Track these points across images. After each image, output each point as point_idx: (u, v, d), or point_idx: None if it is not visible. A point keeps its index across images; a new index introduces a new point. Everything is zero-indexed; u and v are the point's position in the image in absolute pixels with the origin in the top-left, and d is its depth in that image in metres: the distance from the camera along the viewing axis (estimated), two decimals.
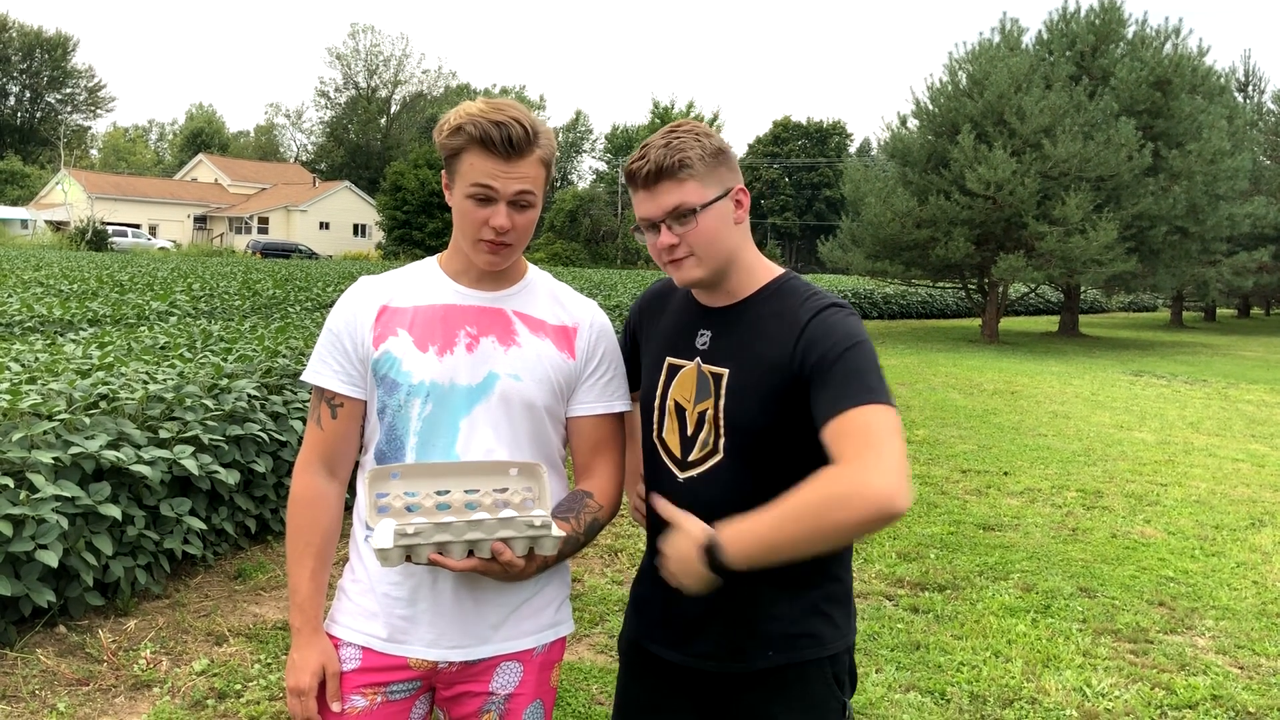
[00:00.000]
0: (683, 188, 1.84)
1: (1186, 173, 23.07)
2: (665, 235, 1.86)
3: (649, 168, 1.84)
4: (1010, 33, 25.47)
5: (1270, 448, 10.34)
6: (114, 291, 14.42)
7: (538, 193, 1.87)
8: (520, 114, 1.82)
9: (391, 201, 58.93)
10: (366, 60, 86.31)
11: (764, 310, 1.92)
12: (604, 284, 22.96)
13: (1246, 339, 28.75)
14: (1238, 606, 5.33)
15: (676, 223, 1.85)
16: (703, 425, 1.91)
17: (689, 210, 1.84)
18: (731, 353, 1.91)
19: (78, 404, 4.83)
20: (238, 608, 4.75)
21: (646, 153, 1.87)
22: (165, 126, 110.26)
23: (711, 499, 1.89)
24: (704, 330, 1.96)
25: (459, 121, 1.82)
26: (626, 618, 2.15)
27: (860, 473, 1.59)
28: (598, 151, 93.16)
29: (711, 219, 1.86)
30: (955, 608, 5.14)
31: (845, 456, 1.63)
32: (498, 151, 1.79)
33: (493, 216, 1.83)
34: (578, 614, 4.77)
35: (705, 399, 1.91)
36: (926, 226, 23.48)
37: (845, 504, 1.58)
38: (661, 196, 1.85)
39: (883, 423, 1.66)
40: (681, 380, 1.96)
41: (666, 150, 1.84)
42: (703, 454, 1.91)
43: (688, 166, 1.84)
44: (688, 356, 1.96)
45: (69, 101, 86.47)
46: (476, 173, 1.81)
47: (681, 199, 1.84)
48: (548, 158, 1.87)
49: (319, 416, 1.96)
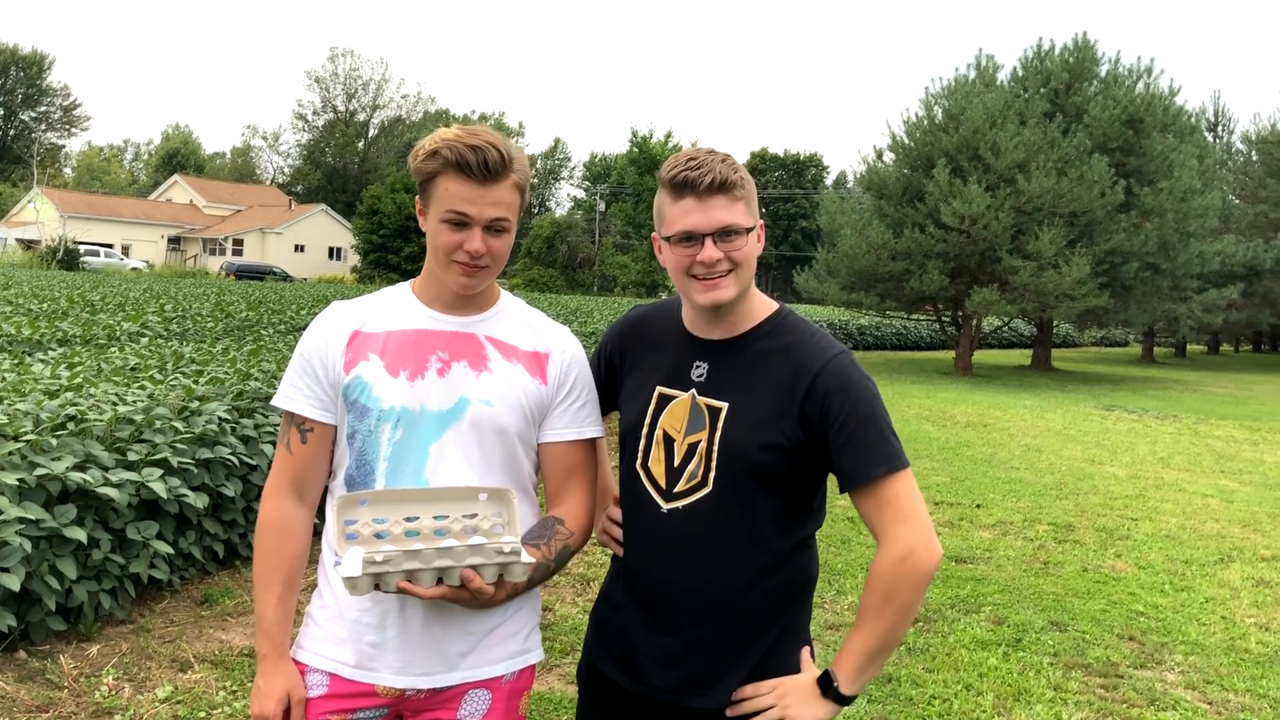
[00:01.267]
0: (734, 207, 1.85)
1: (1158, 210, 23.37)
2: (710, 249, 1.84)
3: (712, 178, 1.82)
4: (986, 69, 25.79)
5: (1239, 483, 10.42)
6: (85, 311, 14.28)
7: (512, 218, 1.87)
8: (495, 139, 1.82)
9: (368, 225, 58.78)
10: (345, 84, 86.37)
11: (766, 346, 1.92)
12: (580, 310, 22.94)
13: (1216, 375, 29.06)
14: (1207, 642, 5.35)
15: (723, 239, 1.84)
16: (692, 457, 1.90)
17: (741, 230, 1.85)
18: (732, 387, 1.90)
19: (45, 425, 4.77)
20: (203, 634, 4.68)
21: (704, 163, 1.83)
22: (141, 146, 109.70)
23: (694, 531, 1.89)
24: (700, 362, 1.95)
25: (434, 146, 1.82)
26: (586, 644, 2.13)
27: (901, 553, 1.80)
28: (575, 179, 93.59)
29: (754, 244, 1.89)
30: (927, 640, 5.14)
31: (890, 536, 1.82)
32: (473, 176, 1.80)
33: (468, 241, 1.83)
34: (549, 643, 4.73)
35: (698, 431, 1.90)
36: (901, 259, 23.65)
37: (917, 587, 1.81)
38: (716, 211, 1.83)
39: (910, 490, 1.83)
40: (673, 410, 1.95)
41: (726, 167, 1.84)
42: (690, 485, 1.90)
43: (742, 187, 1.86)
44: (682, 388, 1.95)
45: (43, 120, 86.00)
46: (451, 198, 1.81)
47: (734, 219, 1.84)
48: (523, 183, 1.88)
49: (289, 441, 1.94)
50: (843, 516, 7.67)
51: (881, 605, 1.81)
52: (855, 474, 1.82)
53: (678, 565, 1.91)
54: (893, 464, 1.82)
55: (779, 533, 1.92)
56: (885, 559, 1.81)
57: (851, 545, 6.89)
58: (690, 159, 1.85)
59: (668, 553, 1.92)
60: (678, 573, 1.90)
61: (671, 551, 1.91)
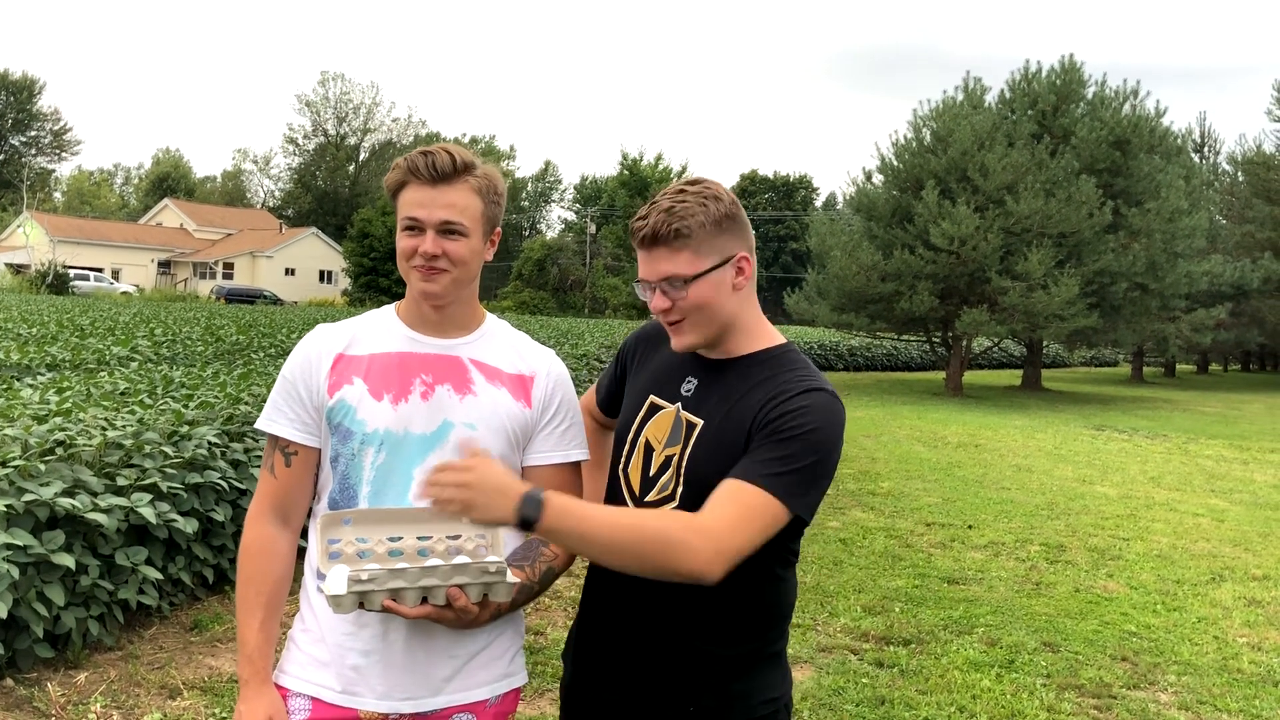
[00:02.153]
0: (676, 257, 1.83)
1: (1146, 230, 23.51)
2: (659, 299, 1.87)
3: (646, 232, 1.85)
4: (973, 91, 25.96)
5: (1229, 502, 10.44)
6: (74, 336, 14.24)
7: (469, 224, 1.87)
8: (453, 149, 1.87)
9: (358, 248, 58.82)
10: (336, 108, 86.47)
11: (752, 374, 1.91)
12: (571, 333, 22.96)
13: (1206, 394, 29.15)
14: (1199, 662, 5.35)
15: (671, 288, 1.85)
16: (666, 469, 1.91)
17: (680, 280, 1.84)
18: (710, 407, 1.91)
19: (33, 450, 4.74)
20: (192, 659, 4.64)
21: (649, 214, 1.86)
22: (131, 170, 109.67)
23: None
24: (691, 378, 1.97)
25: (397, 160, 1.89)
26: (567, 662, 2.13)
27: (704, 538, 1.67)
28: (566, 201, 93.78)
29: (704, 288, 1.85)
30: (920, 662, 5.12)
31: (706, 513, 1.70)
32: (424, 179, 1.84)
33: (421, 243, 1.85)
34: (540, 668, 4.71)
35: (675, 444, 1.92)
36: (891, 280, 23.73)
37: (670, 551, 1.66)
38: (657, 262, 1.85)
39: (757, 510, 1.71)
40: (658, 421, 1.96)
41: (668, 216, 1.82)
42: (660, 497, 1.91)
43: (684, 236, 1.82)
44: (670, 399, 1.97)
45: (34, 144, 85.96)
46: (407, 205, 1.86)
47: (674, 269, 1.84)
48: (484, 189, 1.89)
49: (272, 464, 1.94)
50: (835, 538, 7.67)
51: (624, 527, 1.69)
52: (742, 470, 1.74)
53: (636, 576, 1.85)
54: (770, 482, 1.72)
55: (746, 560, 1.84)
56: (675, 519, 1.72)
57: (844, 568, 6.88)
58: (649, 204, 1.88)
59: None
60: (638, 584, 1.86)
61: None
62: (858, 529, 8.07)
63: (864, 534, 7.92)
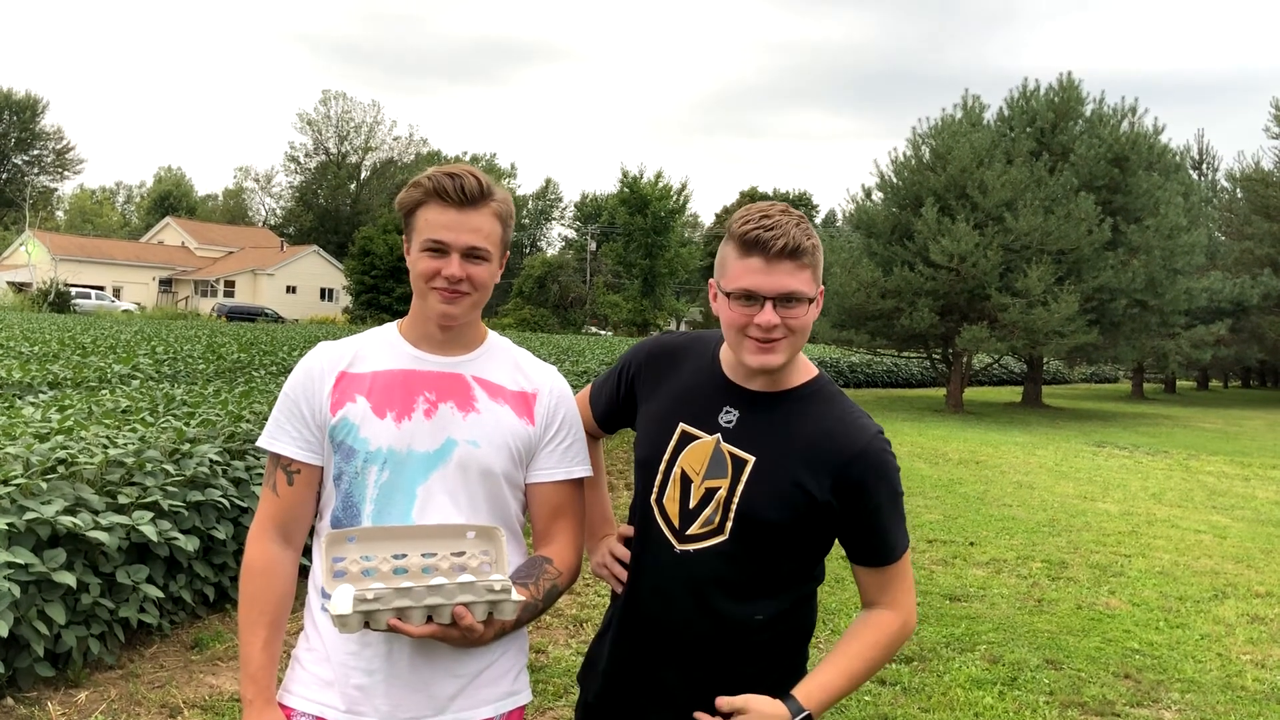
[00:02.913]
0: (801, 274, 1.79)
1: (1145, 247, 23.55)
2: (769, 313, 1.78)
3: (785, 243, 1.76)
4: (972, 109, 26.05)
5: (1231, 519, 10.43)
6: (76, 354, 14.25)
7: (492, 248, 1.88)
8: (475, 171, 1.87)
9: (360, 266, 58.93)
10: (337, 126, 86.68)
11: (803, 410, 1.90)
12: (572, 350, 22.97)
13: (1206, 411, 29.14)
14: (1203, 679, 5.33)
15: (784, 306, 1.79)
16: (709, 502, 1.89)
17: (804, 299, 1.81)
18: (762, 442, 1.88)
19: (35, 468, 4.75)
20: (193, 678, 4.63)
21: (778, 224, 1.77)
22: (133, 189, 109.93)
23: (707, 576, 1.89)
24: (731, 409, 1.92)
25: (416, 179, 1.88)
26: (581, 681, 2.11)
27: (906, 619, 1.95)
28: (567, 219, 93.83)
29: (813, 312, 1.85)
30: (922, 680, 5.11)
31: (898, 603, 1.94)
32: (451, 201, 1.83)
33: (445, 266, 1.84)
34: (542, 686, 4.70)
35: (719, 477, 1.89)
36: (891, 297, 23.76)
37: (902, 638, 1.95)
38: (782, 276, 1.78)
39: (909, 567, 1.97)
40: (695, 451, 1.93)
41: (800, 232, 1.78)
42: (705, 530, 1.89)
43: (812, 255, 1.81)
44: (707, 429, 1.93)
45: (36, 163, 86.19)
46: (430, 226, 1.85)
47: (799, 286, 1.79)
48: (503, 214, 1.90)
49: (274, 483, 1.94)
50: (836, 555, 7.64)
51: (876, 655, 1.92)
52: (880, 555, 1.92)
53: (685, 606, 1.91)
54: (905, 544, 1.94)
55: (786, 587, 1.94)
56: (893, 619, 1.93)
57: (845, 584, 6.86)
58: (764, 216, 1.79)
59: (676, 593, 1.92)
60: (684, 613, 1.90)
61: (680, 592, 1.91)
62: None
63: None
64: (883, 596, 1.94)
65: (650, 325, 63.29)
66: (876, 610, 1.94)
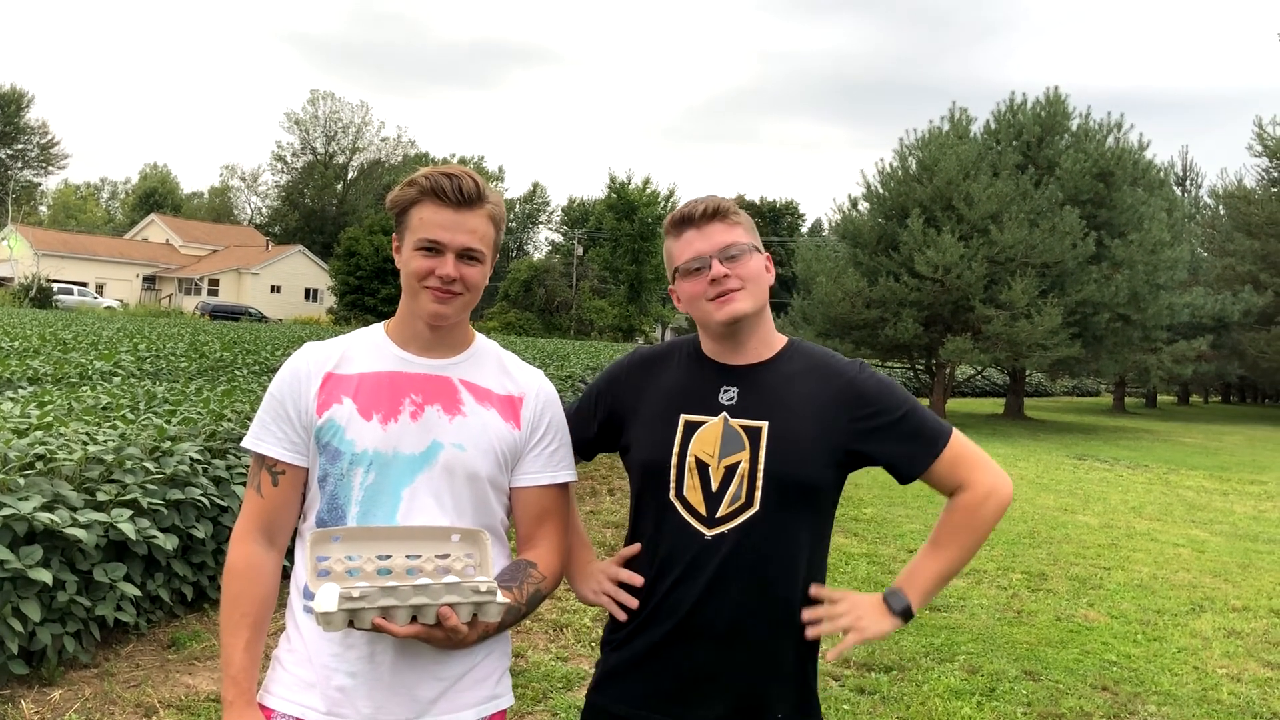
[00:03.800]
0: (733, 230, 2.00)
1: (1128, 262, 23.70)
2: (717, 266, 1.96)
3: (705, 207, 2.00)
4: (959, 121, 26.19)
5: (1210, 533, 10.49)
6: (57, 350, 14.16)
7: (486, 250, 1.88)
8: (471, 173, 1.88)
9: (345, 267, 58.75)
10: (325, 126, 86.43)
11: (793, 367, 2.03)
12: (557, 354, 22.94)
13: (1187, 425, 29.32)
14: (1179, 692, 5.36)
15: (728, 259, 1.97)
16: (731, 479, 1.94)
17: (742, 248, 1.99)
18: (769, 406, 1.97)
19: (12, 464, 4.71)
20: (170, 678, 4.60)
21: (698, 200, 2.02)
22: (118, 185, 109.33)
23: (744, 553, 1.92)
24: (728, 387, 2.01)
25: (412, 177, 1.87)
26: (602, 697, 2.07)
27: (988, 491, 2.01)
28: (554, 223, 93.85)
29: (757, 262, 2.01)
30: (901, 689, 5.12)
31: (969, 481, 2.01)
32: (448, 201, 1.83)
33: (440, 266, 1.84)
34: (521, 690, 4.69)
35: (736, 452, 1.95)
36: (876, 307, 23.85)
37: (997, 519, 2.02)
38: (715, 235, 1.99)
39: (967, 442, 2.05)
40: (703, 436, 1.98)
41: (718, 199, 2.02)
42: (734, 508, 1.93)
43: (737, 214, 2.02)
44: (710, 412, 2.00)
45: (20, 157, 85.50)
46: (425, 225, 1.84)
47: (736, 238, 1.99)
48: (497, 217, 1.91)
49: (259, 483, 1.93)
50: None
51: (964, 537, 2.01)
52: (925, 455, 2.00)
53: (728, 590, 1.93)
54: (947, 429, 2.03)
55: (818, 541, 2.02)
56: (972, 497, 2.01)
57: None
58: (688, 202, 2.04)
59: (716, 579, 1.93)
60: (728, 597, 1.93)
61: (720, 577, 1.93)
62: (840, 555, 8.07)
63: (846, 560, 7.92)
64: (952, 482, 2.02)
65: (636, 331, 63.30)
66: (955, 496, 2.03)
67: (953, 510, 2.03)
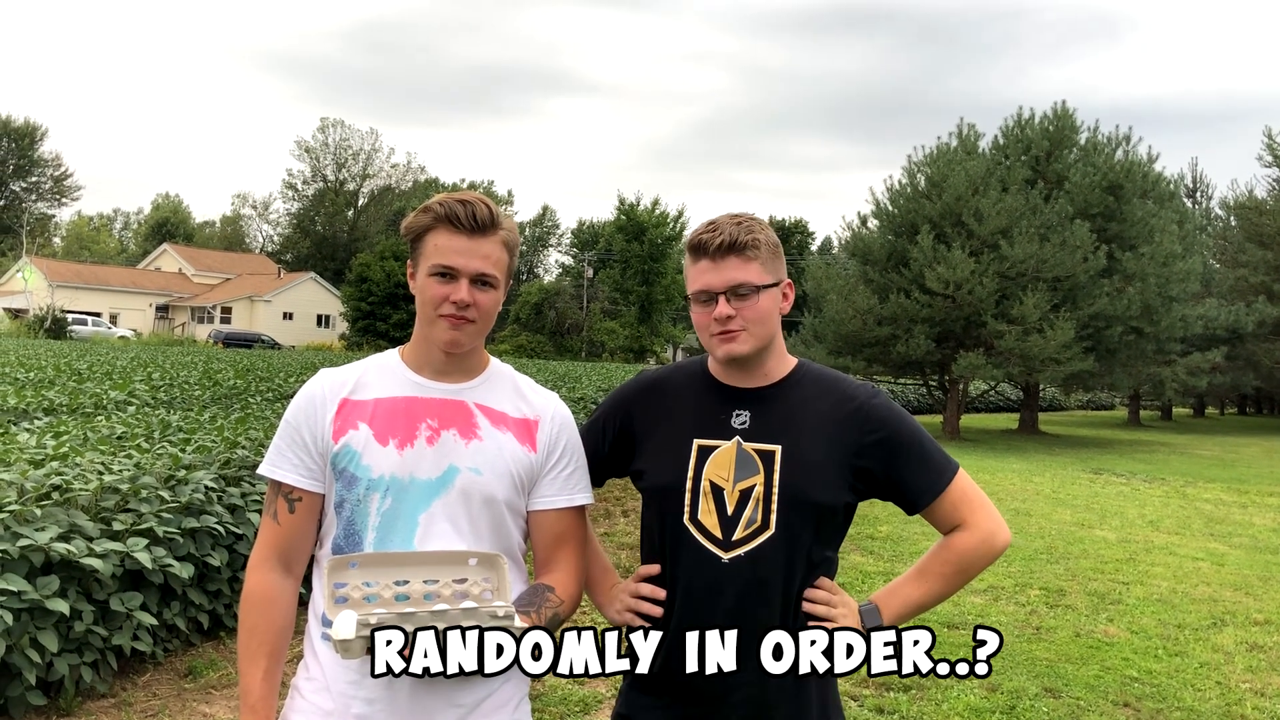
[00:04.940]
0: (747, 267, 1.95)
1: (1140, 274, 23.63)
2: (723, 306, 1.94)
3: (722, 239, 1.94)
4: (967, 137, 26.20)
5: (1229, 546, 10.41)
6: (71, 380, 14.23)
7: (500, 276, 1.89)
8: (485, 199, 1.88)
9: (356, 293, 58.98)
10: (335, 153, 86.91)
11: (806, 392, 2.03)
12: (568, 376, 22.96)
13: (1203, 438, 29.14)
14: (1202, 708, 5.31)
15: (736, 298, 1.95)
16: (746, 502, 1.94)
17: (751, 288, 1.95)
18: (781, 429, 1.98)
19: (29, 495, 4.73)
20: (187, 707, 4.60)
21: (719, 227, 1.96)
22: (130, 215, 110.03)
23: (760, 574, 1.93)
24: (740, 411, 2.02)
25: (426, 204, 1.88)
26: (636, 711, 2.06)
27: (985, 536, 2.02)
28: (564, 246, 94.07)
29: (768, 301, 1.98)
30: (920, 708, 5.08)
31: (969, 523, 2.02)
32: (462, 227, 1.84)
33: (454, 292, 1.85)
34: (538, 714, 4.67)
35: (750, 476, 1.95)
36: (887, 324, 23.81)
37: (988, 563, 2.04)
38: (727, 270, 1.94)
39: (971, 483, 2.06)
40: (717, 460, 1.98)
41: (739, 229, 1.95)
42: (749, 531, 1.94)
43: (755, 248, 1.96)
44: (723, 436, 2.00)
45: (34, 190, 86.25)
46: (440, 251, 1.85)
47: (746, 277, 1.95)
48: (511, 242, 1.91)
49: (275, 511, 1.93)
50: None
51: (952, 574, 2.02)
52: (930, 488, 2.01)
53: (746, 611, 1.93)
54: (953, 466, 2.04)
55: (831, 561, 2.03)
56: (969, 538, 2.02)
57: None
58: (708, 224, 1.99)
59: (732, 602, 1.93)
60: (747, 618, 1.92)
61: (735, 600, 1.93)
62: (856, 573, 8.03)
63: (863, 578, 7.88)
64: (952, 521, 2.03)
65: (648, 352, 63.31)
66: (952, 534, 2.04)
67: (947, 547, 2.04)
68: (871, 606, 2.00)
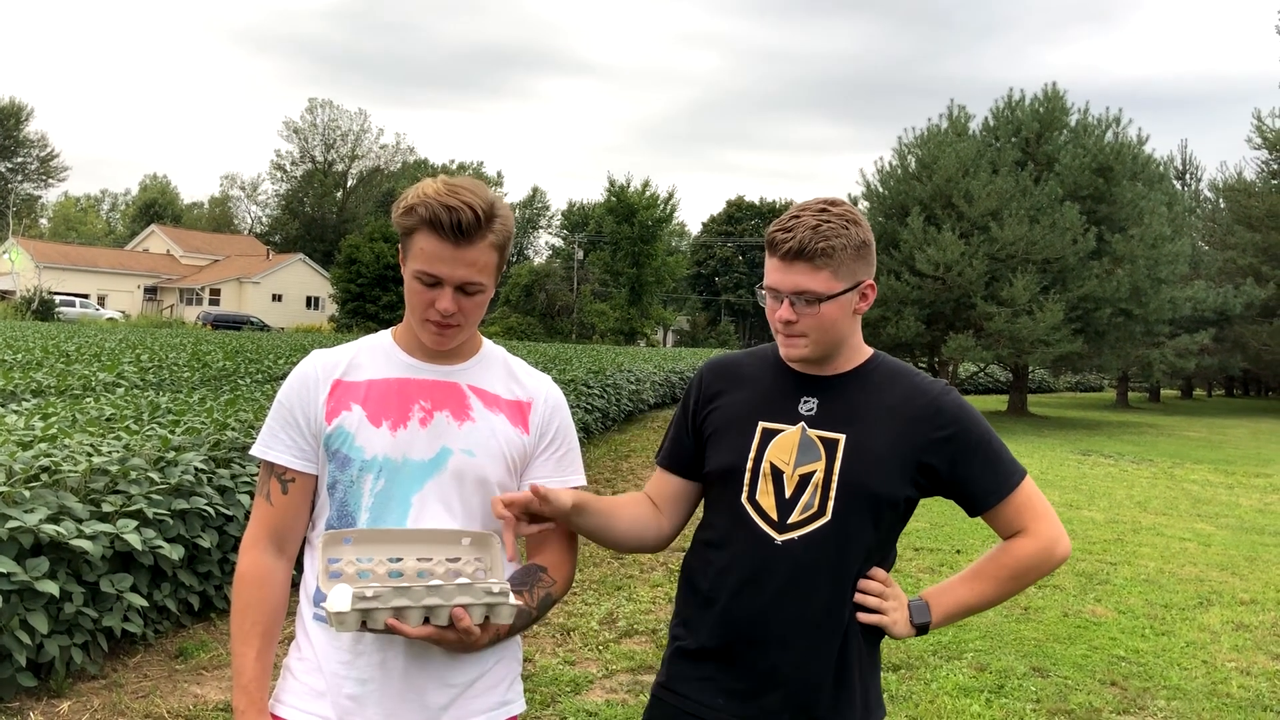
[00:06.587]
0: (816, 275, 1.89)
1: (1129, 256, 23.68)
2: (786, 310, 1.91)
3: (792, 245, 1.88)
4: (958, 119, 26.18)
5: (1215, 527, 10.48)
6: (59, 362, 14.17)
7: (486, 281, 1.84)
8: (474, 198, 1.79)
9: (346, 274, 58.77)
10: (324, 134, 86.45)
11: (877, 383, 2.01)
12: (559, 358, 22.93)
13: (1190, 419, 29.29)
14: (1188, 687, 5.35)
15: (800, 303, 1.90)
16: (805, 488, 1.94)
17: (815, 297, 1.90)
18: (848, 418, 1.97)
19: (17, 476, 4.71)
20: (178, 688, 4.60)
21: (795, 228, 1.89)
22: (118, 196, 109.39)
23: (810, 560, 1.92)
24: (808, 398, 2.00)
25: (413, 201, 1.80)
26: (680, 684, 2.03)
27: (1046, 544, 2.01)
28: (554, 227, 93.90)
29: (834, 310, 1.92)
30: (910, 688, 5.11)
31: (1030, 530, 2.02)
32: (446, 236, 1.77)
33: (438, 300, 1.82)
34: (529, 694, 4.68)
35: (811, 462, 1.94)
36: (877, 305, 23.80)
37: (1046, 572, 2.04)
38: (795, 275, 1.90)
39: (1037, 490, 2.06)
40: (780, 444, 1.98)
41: (814, 234, 1.88)
42: (805, 516, 1.93)
43: (828, 256, 1.88)
44: (788, 421, 1.99)
45: (20, 170, 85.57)
46: (424, 257, 1.80)
47: (811, 285, 1.89)
48: (501, 242, 1.85)
49: (268, 492, 1.92)
50: None
51: (1007, 579, 2.02)
52: (996, 490, 1.99)
53: (795, 594, 1.92)
54: (1020, 471, 2.03)
55: (885, 553, 2.02)
56: (1029, 545, 2.00)
57: None
58: (791, 218, 1.92)
59: (785, 583, 1.93)
60: (796, 601, 1.92)
61: (786, 581, 1.92)
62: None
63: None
64: (1014, 527, 2.02)
65: (638, 334, 63.30)
66: (1012, 539, 2.02)
67: (1006, 551, 2.02)
68: (921, 603, 2.00)
